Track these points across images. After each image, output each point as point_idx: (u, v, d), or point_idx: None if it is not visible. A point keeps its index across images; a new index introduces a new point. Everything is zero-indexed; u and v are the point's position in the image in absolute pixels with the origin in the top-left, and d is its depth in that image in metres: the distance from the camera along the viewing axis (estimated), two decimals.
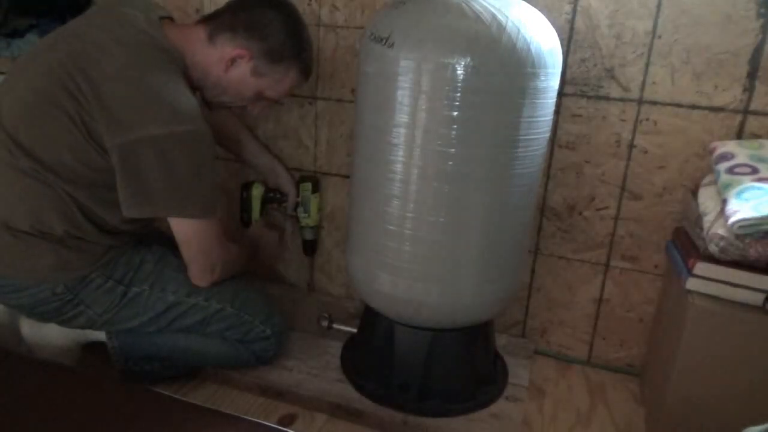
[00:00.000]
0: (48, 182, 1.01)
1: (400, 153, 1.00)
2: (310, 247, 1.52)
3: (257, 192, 1.43)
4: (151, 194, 0.99)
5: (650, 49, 1.17)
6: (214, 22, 1.10)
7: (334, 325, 1.32)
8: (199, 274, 1.12)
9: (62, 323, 1.12)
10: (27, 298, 1.06)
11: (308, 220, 1.47)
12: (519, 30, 0.94)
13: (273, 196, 1.44)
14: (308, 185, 1.43)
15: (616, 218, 1.28)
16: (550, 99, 1.02)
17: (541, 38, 0.97)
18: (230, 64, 1.09)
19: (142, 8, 1.07)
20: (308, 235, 1.50)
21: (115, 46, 0.98)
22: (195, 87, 1.10)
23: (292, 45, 1.11)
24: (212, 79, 1.11)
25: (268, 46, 1.09)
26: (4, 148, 1.01)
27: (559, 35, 1.04)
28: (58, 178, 1.00)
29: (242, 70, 1.10)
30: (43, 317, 1.12)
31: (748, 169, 1.02)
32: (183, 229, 1.06)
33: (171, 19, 1.14)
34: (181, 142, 0.98)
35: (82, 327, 1.14)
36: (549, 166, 1.29)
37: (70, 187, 1.01)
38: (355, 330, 1.30)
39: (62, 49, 1.01)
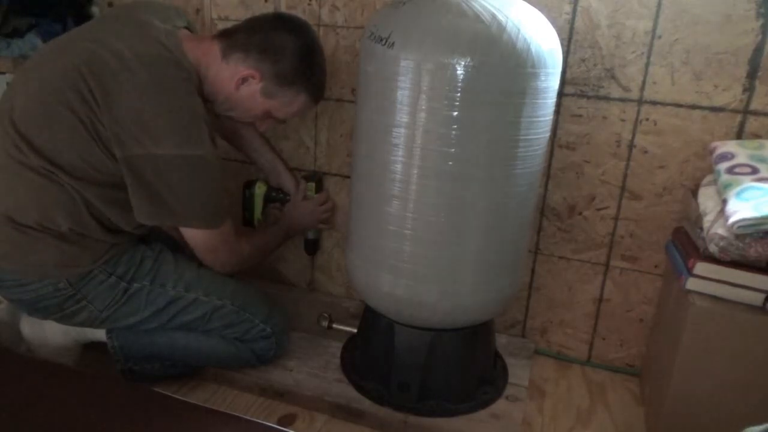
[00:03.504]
0: (57, 180, 1.01)
1: (400, 153, 1.00)
2: (312, 247, 1.52)
3: (260, 191, 1.43)
4: (159, 206, 1.02)
5: (650, 49, 1.17)
6: (229, 39, 1.10)
7: (334, 325, 1.32)
8: (210, 266, 1.17)
9: (63, 320, 1.12)
10: (29, 293, 1.06)
11: None
12: (519, 30, 0.94)
13: (275, 196, 1.44)
14: (311, 186, 1.43)
15: (616, 218, 1.28)
16: (550, 99, 1.02)
17: (541, 38, 0.97)
18: (241, 82, 1.10)
19: (161, 16, 1.07)
20: (311, 235, 1.50)
21: (134, 59, 0.98)
22: (206, 99, 1.10)
23: (302, 70, 1.12)
24: (223, 95, 1.12)
25: (279, 70, 1.10)
26: (14, 146, 1.01)
27: (559, 35, 1.04)
28: (67, 175, 1.01)
29: (252, 90, 1.11)
30: (45, 314, 1.12)
31: (748, 169, 1.02)
32: (189, 234, 1.10)
33: (188, 27, 1.14)
34: (189, 166, 1.00)
35: (83, 324, 1.14)
36: (549, 166, 1.29)
37: (79, 185, 1.02)
38: (355, 330, 1.30)
39: (79, 52, 1.00)
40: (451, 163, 0.98)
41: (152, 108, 0.97)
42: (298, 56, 1.11)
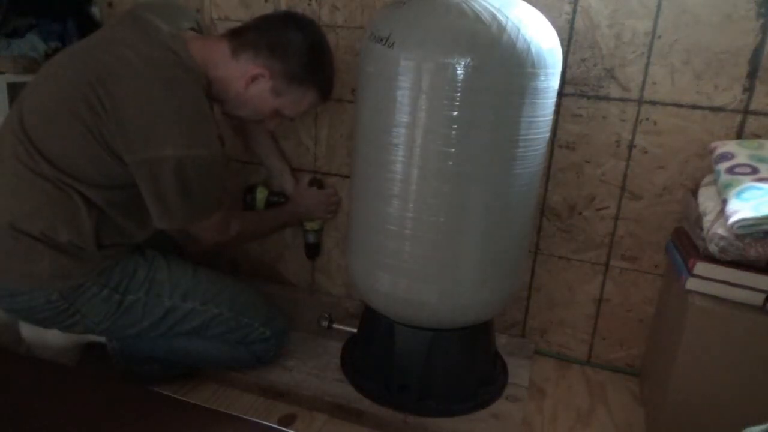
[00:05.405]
0: (66, 189, 1.01)
1: (400, 153, 1.00)
2: (313, 251, 1.52)
3: (261, 195, 1.44)
4: (170, 208, 1.03)
5: (650, 49, 1.17)
6: (238, 38, 1.10)
7: (334, 325, 1.32)
8: (203, 241, 1.17)
9: (62, 330, 1.12)
10: (22, 303, 1.05)
11: (312, 223, 1.47)
12: (519, 30, 0.94)
13: (277, 200, 1.44)
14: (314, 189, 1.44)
15: (616, 218, 1.28)
16: (550, 99, 1.02)
17: (541, 38, 0.97)
18: (251, 81, 1.10)
19: (166, 18, 1.06)
20: (311, 239, 1.50)
21: (140, 63, 0.98)
22: (215, 100, 1.11)
23: (312, 68, 1.12)
24: (232, 94, 1.11)
25: (289, 68, 1.10)
26: (25, 152, 1.01)
27: (559, 35, 1.04)
28: (79, 183, 1.01)
29: (262, 89, 1.11)
30: (43, 324, 1.11)
31: (748, 169, 1.02)
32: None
33: (195, 28, 1.14)
34: (196, 165, 1.00)
35: (83, 333, 1.14)
36: (549, 166, 1.29)
37: (91, 192, 1.02)
38: (355, 330, 1.30)
39: (87, 60, 1.01)
40: (451, 163, 0.98)
41: (159, 110, 0.97)
42: (307, 54, 1.11)
